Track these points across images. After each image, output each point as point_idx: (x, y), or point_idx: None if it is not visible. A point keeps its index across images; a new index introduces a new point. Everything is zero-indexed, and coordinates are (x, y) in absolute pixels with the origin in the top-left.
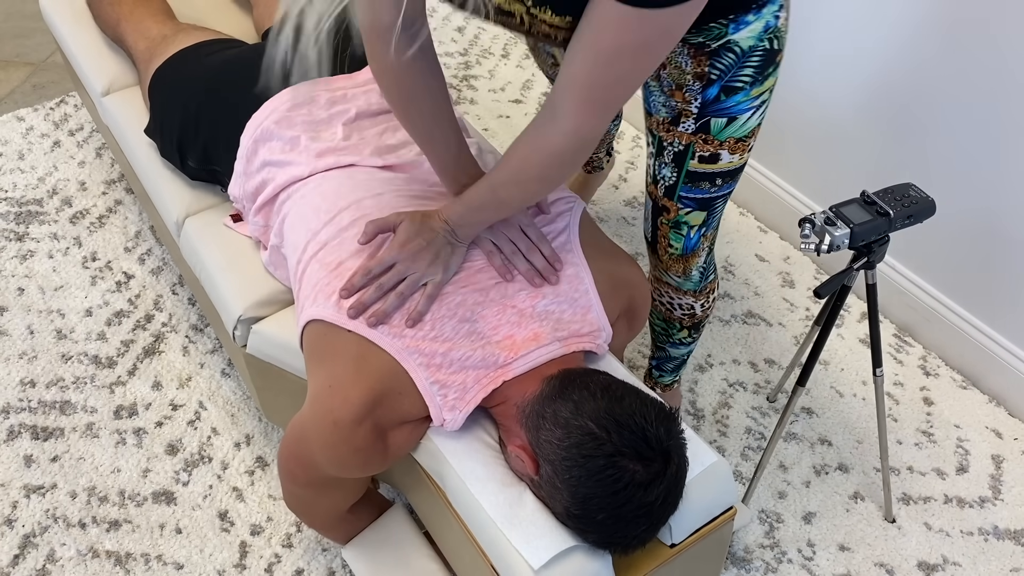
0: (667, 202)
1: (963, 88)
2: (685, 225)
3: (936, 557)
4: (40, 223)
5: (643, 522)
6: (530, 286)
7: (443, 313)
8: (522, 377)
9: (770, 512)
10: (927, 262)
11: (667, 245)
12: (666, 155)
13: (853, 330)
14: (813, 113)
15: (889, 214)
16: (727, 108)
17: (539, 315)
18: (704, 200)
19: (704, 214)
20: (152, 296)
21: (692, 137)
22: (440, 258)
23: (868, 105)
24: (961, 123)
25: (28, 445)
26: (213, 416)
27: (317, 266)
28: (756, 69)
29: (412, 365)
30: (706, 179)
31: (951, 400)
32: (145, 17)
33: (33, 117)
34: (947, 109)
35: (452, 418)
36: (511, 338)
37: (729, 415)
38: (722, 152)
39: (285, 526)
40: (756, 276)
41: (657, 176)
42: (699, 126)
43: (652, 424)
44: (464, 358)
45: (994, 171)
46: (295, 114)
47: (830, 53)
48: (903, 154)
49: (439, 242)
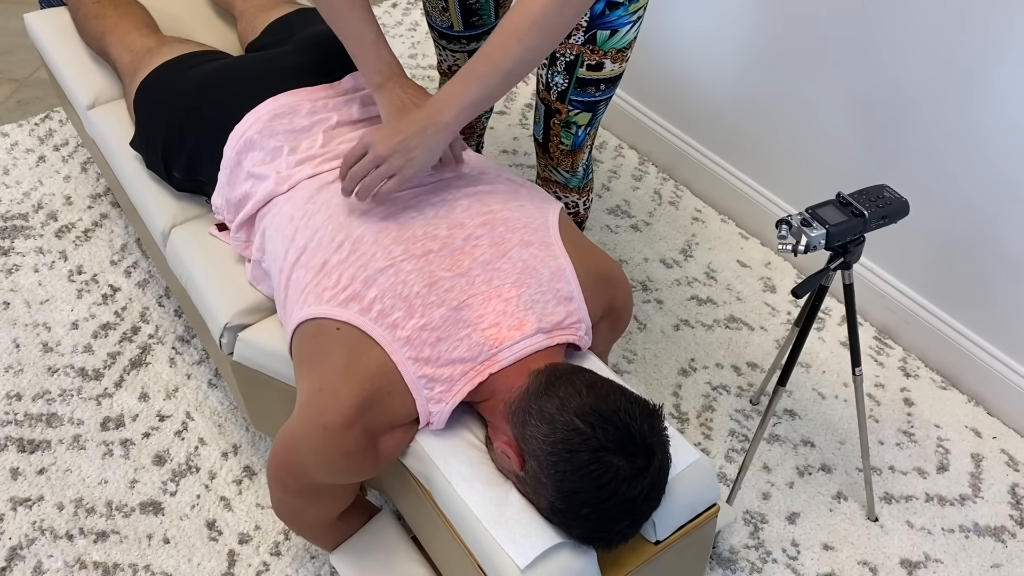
0: (559, 105)
1: (938, 89)
2: (574, 124)
3: (918, 555)
4: (25, 237)
5: (626, 517)
6: (516, 275)
7: (432, 300)
8: (508, 370)
9: (754, 513)
10: (906, 265)
11: (559, 142)
12: (559, 64)
13: (834, 333)
14: (792, 120)
15: (864, 215)
16: (610, 22)
17: (524, 304)
18: (590, 103)
19: (590, 115)
20: (138, 308)
21: (581, 48)
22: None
23: (847, 110)
24: (937, 124)
25: (14, 458)
26: (200, 426)
27: (302, 271)
28: None
29: (401, 358)
30: (592, 84)
31: (931, 400)
32: (130, 31)
33: (18, 133)
34: (922, 110)
35: (439, 411)
36: (497, 326)
37: (713, 418)
38: (605, 61)
39: (273, 534)
40: (738, 281)
41: (550, 84)
42: (587, 38)
43: (636, 420)
44: (451, 348)
45: (970, 173)
46: (277, 124)
47: (804, 58)
48: (880, 156)
49: (408, 122)
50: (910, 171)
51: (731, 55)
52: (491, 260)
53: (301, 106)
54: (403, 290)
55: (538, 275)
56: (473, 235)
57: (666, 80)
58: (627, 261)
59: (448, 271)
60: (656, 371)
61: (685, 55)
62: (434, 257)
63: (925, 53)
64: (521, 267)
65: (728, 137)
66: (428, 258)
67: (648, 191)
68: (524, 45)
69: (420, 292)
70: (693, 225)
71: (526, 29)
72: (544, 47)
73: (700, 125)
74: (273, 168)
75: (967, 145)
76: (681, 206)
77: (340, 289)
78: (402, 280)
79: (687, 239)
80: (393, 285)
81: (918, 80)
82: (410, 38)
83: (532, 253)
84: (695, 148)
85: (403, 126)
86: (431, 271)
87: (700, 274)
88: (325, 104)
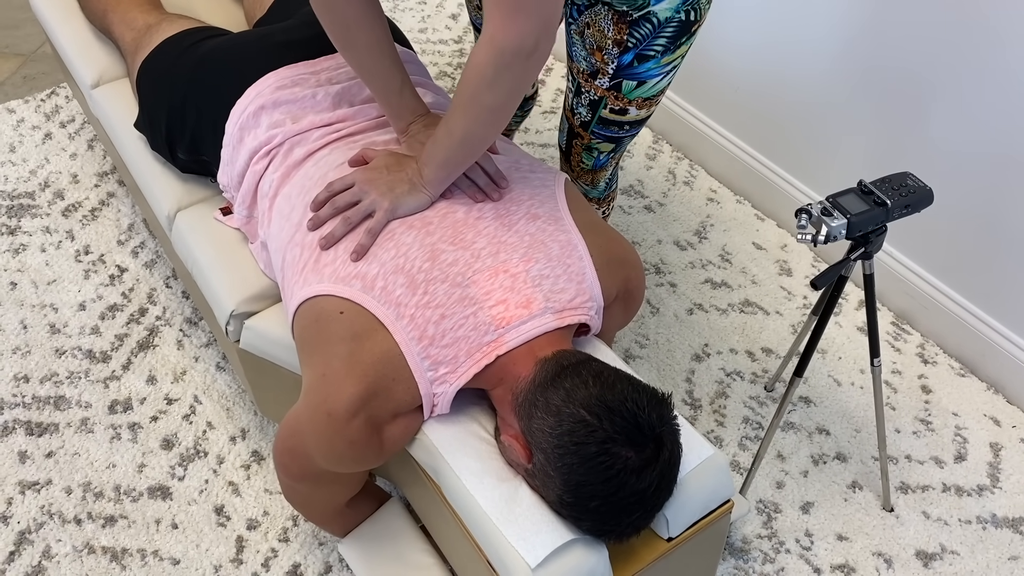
0: (581, 131)
1: (961, 74)
2: (596, 150)
3: (934, 546)
4: (32, 216)
5: (637, 508)
6: (523, 249)
7: (436, 275)
8: (516, 355)
9: (768, 502)
10: (925, 249)
11: (579, 160)
12: (583, 98)
13: (851, 318)
14: (810, 100)
15: (887, 204)
16: (639, 73)
17: (532, 280)
18: (614, 137)
19: (613, 145)
20: (146, 289)
21: (606, 92)
22: (395, 192)
23: (865, 91)
24: (960, 109)
25: (22, 441)
26: (208, 410)
27: (298, 250)
28: (669, 39)
29: (404, 338)
30: (616, 124)
31: (949, 388)
32: (131, 8)
33: (24, 109)
34: (946, 95)
35: (443, 392)
36: (504, 303)
37: (727, 405)
38: (630, 108)
39: (281, 520)
40: (753, 264)
41: (575, 110)
42: (612, 84)
43: (644, 410)
44: (456, 327)
45: (994, 159)
46: (280, 96)
47: (826, 37)
48: (901, 142)
49: (401, 177)
50: (932, 155)
51: (748, 33)
52: (496, 233)
53: (303, 79)
54: (405, 264)
55: (547, 249)
56: (475, 207)
57: None
58: (640, 243)
59: (450, 244)
60: (669, 356)
61: (702, 32)
62: (435, 229)
63: (946, 34)
64: (529, 241)
65: (744, 116)
66: (428, 229)
67: (662, 171)
68: (471, 118)
69: (423, 267)
70: (708, 206)
71: (467, 104)
72: (491, 121)
73: (716, 104)
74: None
75: (988, 128)
76: (696, 186)
77: (340, 264)
78: (403, 254)
79: (701, 220)
80: (394, 259)
81: (940, 61)
82: (420, 12)
83: (539, 227)
84: (711, 127)
85: (396, 180)
86: (432, 243)
87: (715, 256)
88: (329, 77)
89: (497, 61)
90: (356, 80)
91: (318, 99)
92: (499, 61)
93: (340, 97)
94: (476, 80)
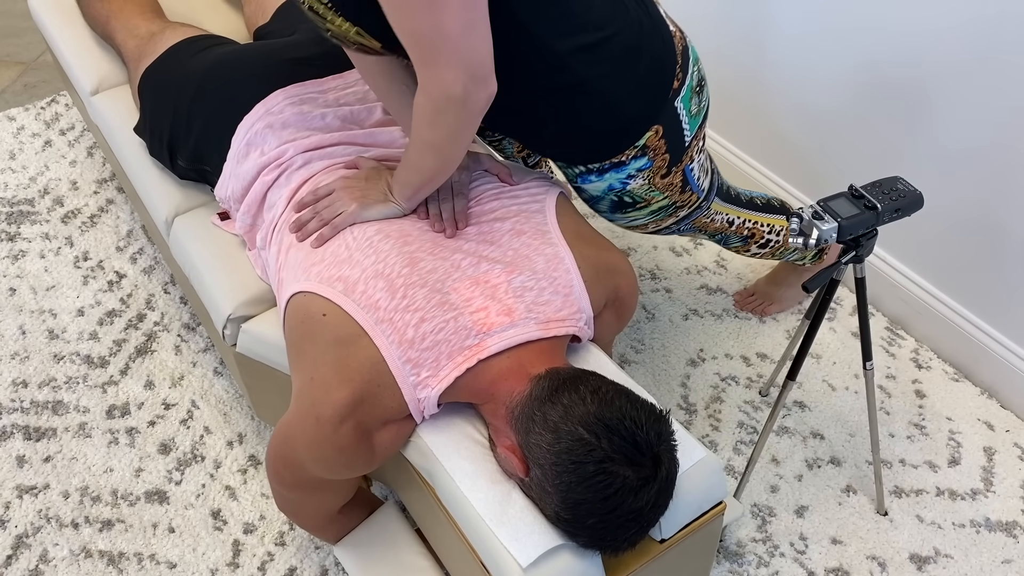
0: None
1: (953, 78)
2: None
3: (928, 549)
4: (32, 223)
5: (633, 525)
6: (506, 263)
7: (414, 280)
8: (506, 372)
9: (762, 506)
10: (919, 255)
11: None
12: None
13: (845, 324)
14: (801, 104)
15: (877, 208)
16: (617, 219)
17: (514, 291)
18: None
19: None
20: (144, 295)
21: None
22: (367, 198)
23: (856, 96)
24: (952, 114)
25: (20, 445)
26: (206, 415)
27: (295, 251)
28: (611, 209)
29: (384, 343)
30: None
31: (943, 393)
32: (134, 15)
33: (24, 116)
34: (937, 101)
35: (426, 396)
36: (485, 309)
37: (721, 409)
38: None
39: (278, 524)
40: (748, 270)
41: None
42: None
43: (642, 428)
44: (436, 330)
45: (986, 163)
46: (288, 115)
47: (816, 42)
48: (892, 147)
49: (376, 187)
50: (924, 160)
51: (739, 34)
52: (477, 248)
53: (311, 98)
54: (384, 269)
55: (531, 263)
56: None
57: None
58: (635, 249)
59: (429, 254)
60: (664, 361)
61: (692, 34)
62: (413, 240)
63: (935, 41)
64: (512, 255)
65: (736, 120)
66: (406, 240)
67: None
68: (416, 151)
69: (402, 272)
70: None
71: (413, 138)
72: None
73: (710, 108)
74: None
75: (982, 133)
76: None
77: (325, 266)
78: (382, 260)
79: None
80: (374, 264)
81: (933, 66)
82: None
83: (524, 242)
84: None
85: (371, 188)
86: (410, 251)
87: (710, 263)
88: (337, 98)
89: (431, 106)
90: (365, 104)
91: (327, 120)
92: (433, 106)
93: (349, 120)
94: (417, 118)
